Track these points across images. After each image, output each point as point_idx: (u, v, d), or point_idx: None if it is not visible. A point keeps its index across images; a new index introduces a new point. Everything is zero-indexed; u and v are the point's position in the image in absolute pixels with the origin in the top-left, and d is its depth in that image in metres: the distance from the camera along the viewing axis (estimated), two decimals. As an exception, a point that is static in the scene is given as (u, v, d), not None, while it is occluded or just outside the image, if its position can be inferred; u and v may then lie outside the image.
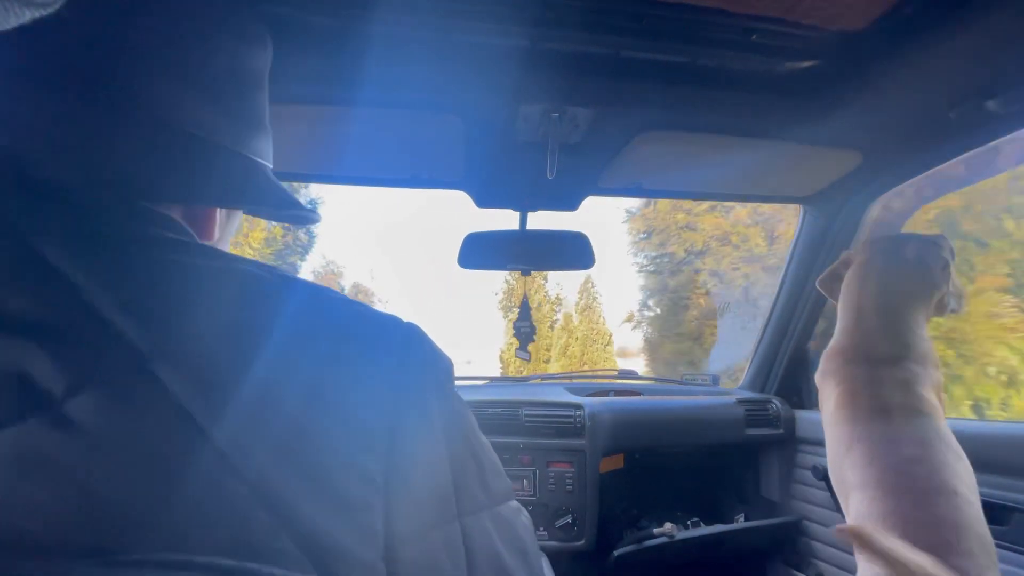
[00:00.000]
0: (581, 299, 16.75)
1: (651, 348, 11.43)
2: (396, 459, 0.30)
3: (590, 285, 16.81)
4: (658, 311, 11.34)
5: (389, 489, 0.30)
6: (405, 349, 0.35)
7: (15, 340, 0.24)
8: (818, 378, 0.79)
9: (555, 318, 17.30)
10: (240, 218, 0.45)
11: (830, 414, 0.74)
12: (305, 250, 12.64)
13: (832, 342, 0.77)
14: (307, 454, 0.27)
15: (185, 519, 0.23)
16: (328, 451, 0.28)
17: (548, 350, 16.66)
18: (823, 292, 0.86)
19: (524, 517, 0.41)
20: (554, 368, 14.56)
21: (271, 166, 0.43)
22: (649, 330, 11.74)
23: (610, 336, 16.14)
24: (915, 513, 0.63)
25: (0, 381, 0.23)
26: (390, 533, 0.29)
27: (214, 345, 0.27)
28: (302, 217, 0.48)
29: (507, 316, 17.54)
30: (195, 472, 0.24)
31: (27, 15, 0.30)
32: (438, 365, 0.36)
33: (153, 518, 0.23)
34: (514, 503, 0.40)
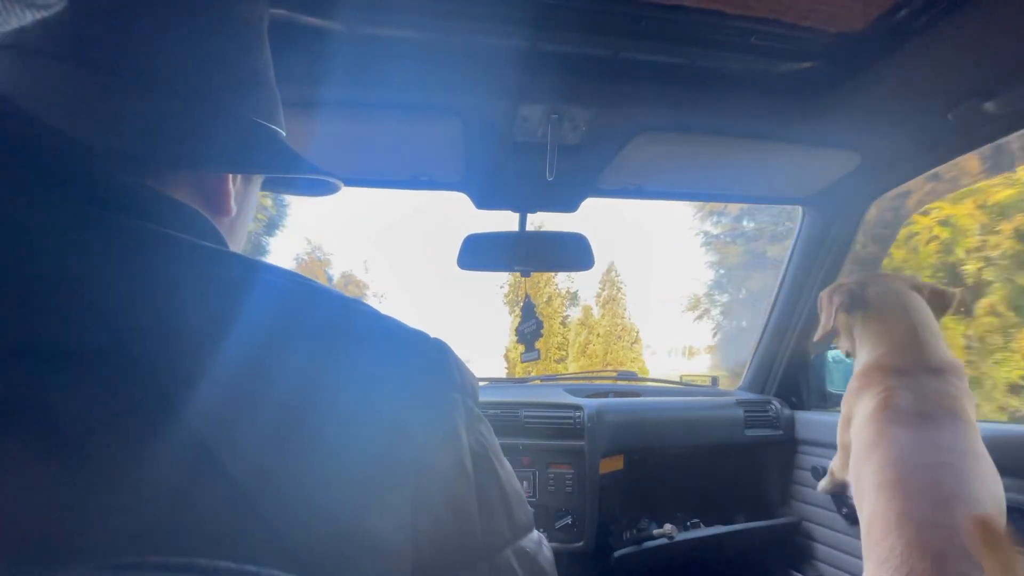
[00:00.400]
0: (603, 290, 14.92)
1: (731, 345, 8.63)
2: (425, 497, 0.28)
3: (614, 274, 14.92)
4: (740, 293, 8.11)
5: (418, 531, 0.28)
6: (435, 370, 0.32)
7: (38, 369, 0.23)
8: (854, 391, 0.79)
9: (565, 313, 15.70)
10: (257, 188, 0.43)
11: (865, 419, 0.74)
12: (273, 224, 10.11)
13: (872, 359, 0.79)
14: (329, 492, 0.26)
15: (191, 546, 0.22)
16: (353, 489, 0.26)
17: (560, 348, 15.13)
18: (833, 305, 0.88)
19: (546, 548, 0.39)
20: (572, 370, 13.46)
21: (283, 132, 0.41)
22: (725, 320, 8.70)
23: (637, 332, 14.42)
24: (933, 516, 0.62)
25: (16, 415, 0.22)
26: None
27: (236, 370, 0.26)
28: (322, 185, 0.45)
29: (513, 311, 16.06)
30: (211, 507, 0.23)
31: (28, 16, 0.30)
32: (466, 387, 0.34)
33: (159, 539, 0.22)
34: (535, 534, 0.38)
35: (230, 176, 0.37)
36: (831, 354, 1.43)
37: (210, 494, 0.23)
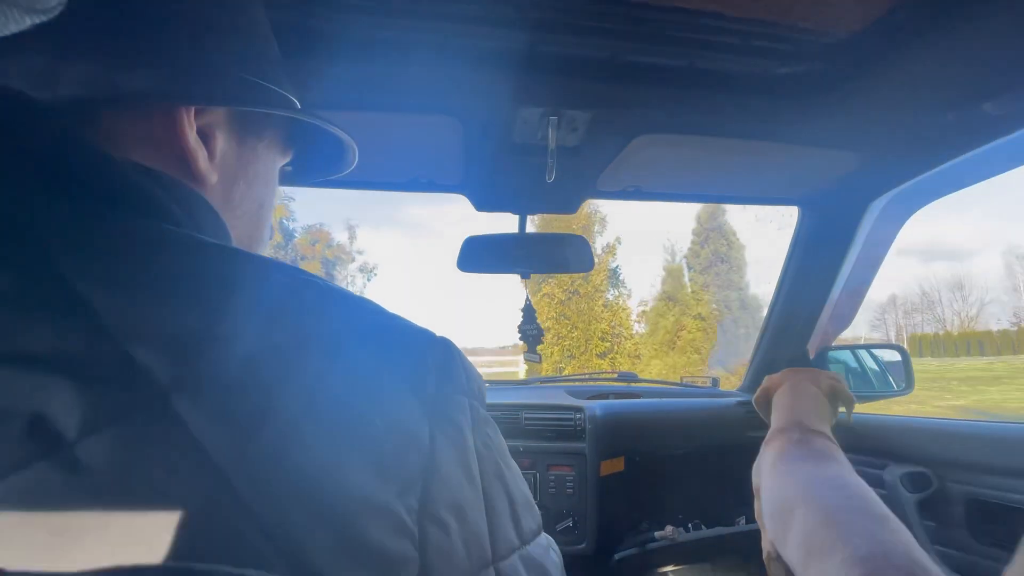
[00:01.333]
0: (702, 245, 8.26)
1: None
2: (432, 505, 0.28)
3: (721, 220, 8.18)
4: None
5: (424, 539, 0.27)
6: (442, 371, 0.32)
7: (34, 376, 0.22)
8: (762, 450, 0.99)
9: (606, 293, 12.03)
10: (267, 161, 0.41)
11: (769, 465, 0.94)
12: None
13: (773, 428, 1.01)
14: (333, 498, 0.25)
15: (189, 551, 0.22)
16: (357, 495, 0.26)
17: (604, 339, 11.57)
18: (758, 407, 1.09)
19: (554, 554, 0.38)
20: (655, 368, 9.92)
21: (290, 96, 0.40)
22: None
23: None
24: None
25: (12, 422, 0.22)
26: None
27: (238, 373, 0.25)
28: (335, 159, 0.46)
29: (537, 292, 12.70)
30: (209, 513, 0.23)
31: (27, 21, 0.30)
32: (472, 387, 0.33)
33: (158, 545, 0.22)
34: (543, 539, 0.37)
35: (187, 131, 0.34)
36: (832, 355, 1.43)
37: (210, 501, 0.23)
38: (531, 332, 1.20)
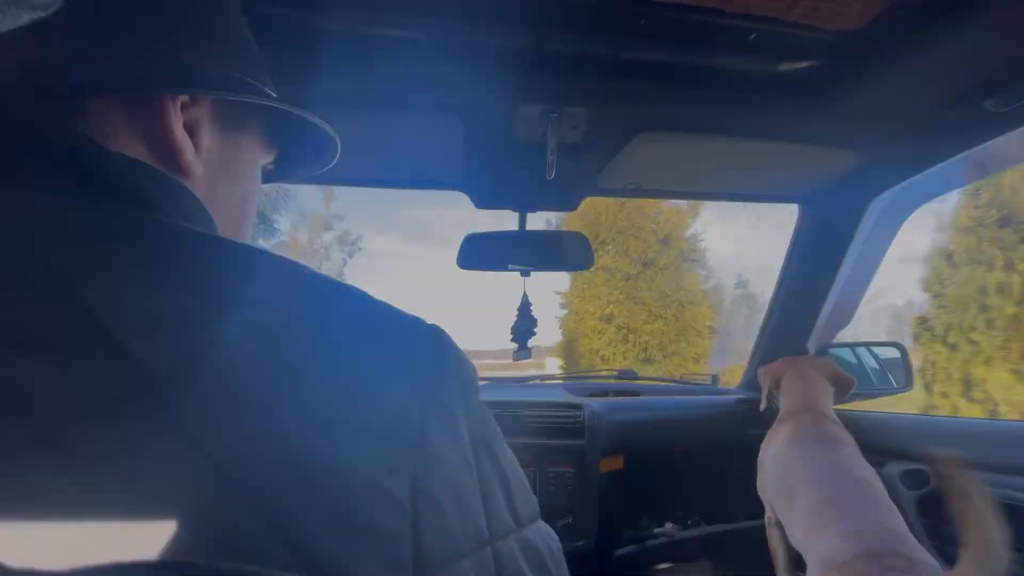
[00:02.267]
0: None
1: None
2: (424, 481, 0.28)
3: None
4: None
5: (418, 515, 0.27)
6: (432, 357, 0.32)
7: (22, 361, 0.23)
8: (773, 429, 1.13)
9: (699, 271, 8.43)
10: (250, 154, 0.42)
11: (780, 445, 1.07)
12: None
13: (784, 411, 1.13)
14: (324, 478, 0.25)
15: (183, 537, 0.22)
16: (349, 474, 0.26)
17: (700, 334, 8.10)
18: (767, 383, 1.23)
19: (553, 541, 0.38)
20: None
21: (270, 93, 0.40)
22: None
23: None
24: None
25: (7, 406, 0.22)
26: (419, 563, 0.27)
27: (222, 357, 0.25)
28: (320, 153, 0.46)
29: (576, 281, 9.84)
30: (203, 497, 0.23)
31: (24, 17, 0.30)
32: (464, 373, 0.33)
33: (151, 534, 0.22)
34: (542, 526, 0.37)
35: (175, 123, 0.35)
36: (831, 352, 1.44)
37: (202, 487, 0.23)
38: (524, 327, 1.19)
